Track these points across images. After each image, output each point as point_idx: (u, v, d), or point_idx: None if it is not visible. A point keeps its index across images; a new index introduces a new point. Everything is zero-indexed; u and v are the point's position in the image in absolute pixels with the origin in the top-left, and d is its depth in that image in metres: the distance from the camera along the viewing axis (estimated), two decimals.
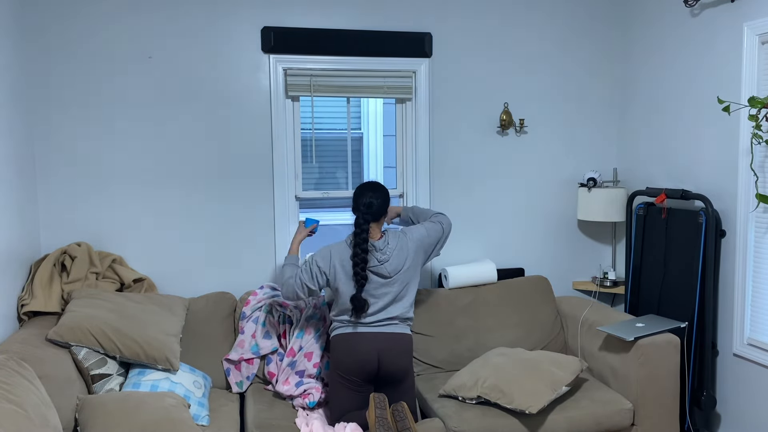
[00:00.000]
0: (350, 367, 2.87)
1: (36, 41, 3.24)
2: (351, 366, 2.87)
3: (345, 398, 2.89)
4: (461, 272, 3.62)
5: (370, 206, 2.92)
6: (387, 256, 2.92)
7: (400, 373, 2.92)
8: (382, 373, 2.90)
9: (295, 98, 3.60)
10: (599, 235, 4.07)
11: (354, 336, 2.91)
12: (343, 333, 2.94)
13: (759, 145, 2.97)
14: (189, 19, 3.41)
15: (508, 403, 2.83)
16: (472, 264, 3.68)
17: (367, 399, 2.90)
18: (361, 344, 2.89)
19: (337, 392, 2.91)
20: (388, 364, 2.88)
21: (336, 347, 2.94)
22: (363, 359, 2.86)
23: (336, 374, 2.92)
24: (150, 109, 3.40)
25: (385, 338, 2.91)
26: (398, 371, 2.91)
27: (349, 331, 2.93)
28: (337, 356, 2.93)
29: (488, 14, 3.77)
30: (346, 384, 2.89)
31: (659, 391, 3.03)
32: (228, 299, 3.38)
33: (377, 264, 2.91)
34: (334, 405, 2.92)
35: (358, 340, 2.90)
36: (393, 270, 2.93)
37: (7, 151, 2.91)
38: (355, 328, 2.93)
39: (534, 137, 3.91)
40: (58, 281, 3.08)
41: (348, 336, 2.92)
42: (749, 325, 3.11)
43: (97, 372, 2.68)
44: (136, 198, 3.42)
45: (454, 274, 3.60)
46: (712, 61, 3.27)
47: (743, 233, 3.10)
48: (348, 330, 2.93)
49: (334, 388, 2.94)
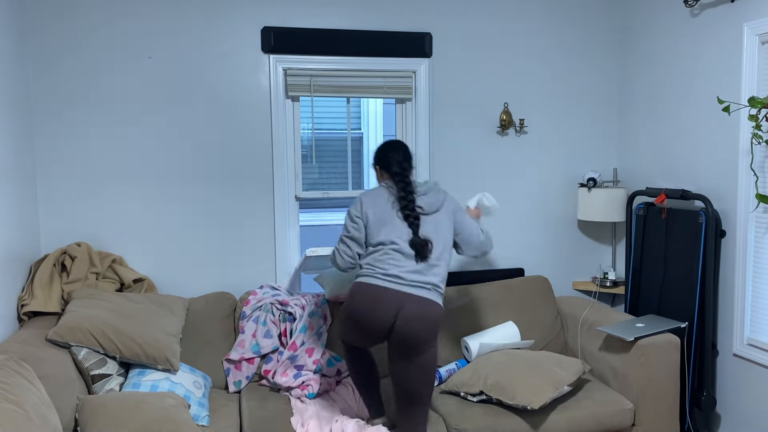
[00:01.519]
0: (360, 321, 2.62)
1: (36, 41, 3.24)
2: (361, 320, 2.62)
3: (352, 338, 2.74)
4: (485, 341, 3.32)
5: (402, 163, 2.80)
6: (424, 189, 2.77)
7: (416, 341, 2.57)
8: (395, 336, 2.59)
9: (295, 98, 3.60)
10: (599, 235, 4.07)
11: (380, 288, 2.60)
12: (366, 282, 2.65)
13: (759, 145, 2.97)
14: (189, 19, 3.41)
15: (510, 399, 2.83)
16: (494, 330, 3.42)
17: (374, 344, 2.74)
18: (383, 297, 2.59)
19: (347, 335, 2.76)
20: (404, 327, 2.56)
21: (353, 294, 2.67)
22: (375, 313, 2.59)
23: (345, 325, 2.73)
24: (150, 109, 3.40)
25: (413, 301, 2.59)
26: (414, 339, 2.56)
27: (373, 283, 2.63)
28: (350, 304, 2.67)
29: (488, 14, 3.77)
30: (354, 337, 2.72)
31: (659, 391, 3.04)
32: (228, 299, 3.38)
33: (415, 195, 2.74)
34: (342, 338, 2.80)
35: (384, 293, 2.59)
36: (428, 206, 2.73)
37: (7, 151, 2.90)
38: (383, 280, 2.62)
39: (534, 137, 3.91)
40: (58, 281, 3.08)
41: (373, 287, 2.62)
42: (749, 325, 3.11)
43: (97, 372, 2.68)
44: (136, 198, 3.42)
45: (475, 346, 3.31)
46: (712, 61, 3.27)
47: (743, 233, 3.10)
48: (372, 281, 2.64)
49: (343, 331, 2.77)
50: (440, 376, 3.22)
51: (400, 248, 2.67)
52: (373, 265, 2.69)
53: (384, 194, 2.78)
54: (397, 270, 2.65)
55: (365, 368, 2.88)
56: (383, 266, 2.66)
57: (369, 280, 2.66)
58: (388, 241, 2.69)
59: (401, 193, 2.73)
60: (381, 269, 2.66)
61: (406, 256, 2.67)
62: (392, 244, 2.68)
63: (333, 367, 3.23)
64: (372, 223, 2.74)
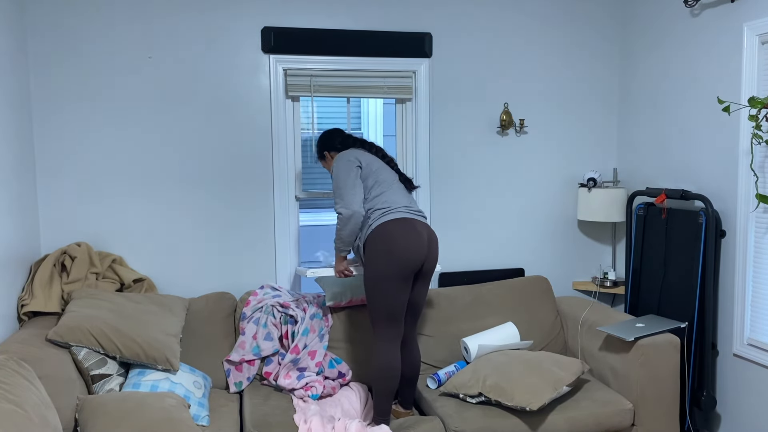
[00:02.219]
0: (410, 249, 2.77)
1: (36, 42, 3.24)
2: (411, 249, 2.78)
3: (394, 291, 2.78)
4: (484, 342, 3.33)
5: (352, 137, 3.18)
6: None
7: (433, 267, 2.97)
8: (425, 264, 2.89)
9: (295, 98, 3.60)
10: (599, 236, 4.07)
11: (410, 221, 2.84)
12: (395, 218, 2.82)
13: (759, 145, 2.97)
14: (189, 19, 3.41)
15: (508, 401, 2.83)
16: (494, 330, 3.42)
17: (409, 290, 2.87)
18: (417, 228, 2.83)
19: (386, 285, 2.79)
20: (430, 255, 2.90)
21: (393, 231, 2.79)
22: (421, 242, 2.81)
23: (388, 266, 2.77)
24: (150, 109, 3.40)
25: (428, 230, 2.93)
26: (433, 265, 2.96)
27: (402, 216, 2.84)
28: (394, 240, 2.78)
29: (488, 14, 3.77)
30: (399, 274, 2.77)
31: (659, 391, 3.04)
32: (228, 299, 3.38)
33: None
34: (380, 301, 2.81)
35: (414, 224, 2.84)
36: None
37: (8, 151, 2.90)
38: (406, 213, 2.87)
39: (534, 137, 3.91)
40: (58, 281, 3.08)
41: (403, 221, 2.82)
42: (749, 325, 3.11)
43: (97, 372, 2.68)
44: (136, 198, 3.42)
45: (474, 347, 3.31)
46: (712, 61, 3.27)
47: (743, 233, 3.10)
48: (400, 215, 2.84)
49: (381, 283, 2.79)
50: (439, 378, 3.22)
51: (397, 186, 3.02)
52: (388, 203, 2.91)
53: (362, 151, 3.08)
54: (406, 201, 2.97)
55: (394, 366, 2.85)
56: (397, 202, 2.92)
57: (395, 215, 2.86)
58: (388, 183, 2.98)
59: (375, 147, 3.10)
60: (398, 205, 2.91)
61: (403, 191, 3.02)
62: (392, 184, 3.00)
63: (333, 369, 3.23)
64: (366, 170, 2.99)
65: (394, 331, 2.87)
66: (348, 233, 2.90)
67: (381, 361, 2.85)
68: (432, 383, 3.21)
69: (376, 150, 3.14)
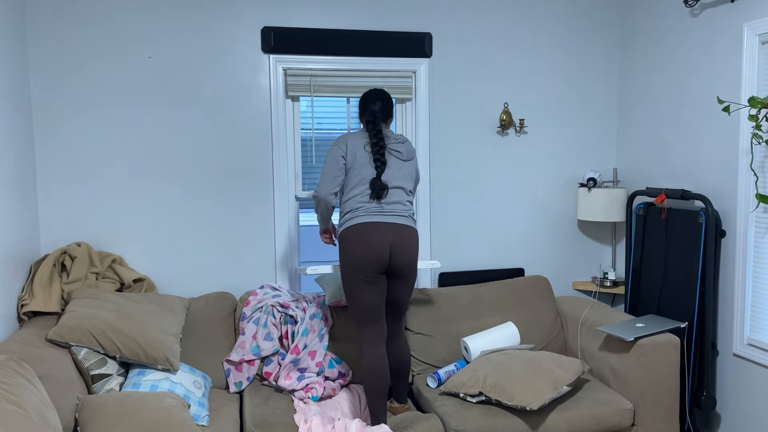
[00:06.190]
0: (364, 255, 2.87)
1: (36, 43, 3.24)
2: (365, 255, 2.87)
3: (361, 293, 2.90)
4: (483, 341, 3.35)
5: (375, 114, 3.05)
6: (402, 139, 3.10)
7: (409, 266, 2.97)
8: (392, 265, 2.93)
9: (295, 98, 3.60)
10: (599, 235, 4.07)
11: (368, 225, 2.91)
12: (357, 224, 2.93)
13: (759, 145, 2.97)
14: (189, 19, 3.41)
15: (509, 400, 2.83)
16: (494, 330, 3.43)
17: (381, 290, 2.94)
18: (375, 233, 2.89)
19: (352, 288, 2.92)
20: (398, 256, 2.92)
21: (348, 239, 2.92)
22: (378, 246, 2.87)
23: (349, 270, 2.92)
24: (150, 109, 3.40)
25: (396, 230, 2.93)
26: (407, 264, 2.96)
27: (363, 221, 2.92)
28: (349, 248, 2.91)
29: (488, 14, 3.77)
30: (360, 278, 2.89)
31: (659, 391, 3.04)
32: (228, 299, 3.38)
33: (394, 142, 3.06)
34: (352, 303, 2.94)
35: (372, 229, 2.90)
36: (406, 154, 3.06)
37: (8, 151, 2.91)
38: (368, 218, 2.93)
39: (534, 137, 3.91)
40: (58, 281, 3.09)
41: (362, 226, 2.91)
42: (749, 325, 3.11)
43: (97, 372, 2.68)
44: (136, 198, 3.42)
45: (474, 347, 3.32)
46: (712, 61, 3.27)
47: (743, 233, 3.10)
48: (361, 221, 2.93)
49: (349, 286, 2.94)
50: (439, 377, 3.22)
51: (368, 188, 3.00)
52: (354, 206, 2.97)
53: (363, 138, 3.04)
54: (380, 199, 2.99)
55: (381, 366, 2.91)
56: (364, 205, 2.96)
57: (358, 220, 2.93)
58: (364, 181, 2.98)
59: (373, 140, 3.01)
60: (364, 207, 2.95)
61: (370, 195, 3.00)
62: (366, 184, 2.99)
63: (334, 369, 3.23)
64: (351, 164, 3.00)
65: (376, 332, 2.93)
66: (320, 213, 3.10)
67: (367, 362, 2.92)
68: (432, 382, 3.21)
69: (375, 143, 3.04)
